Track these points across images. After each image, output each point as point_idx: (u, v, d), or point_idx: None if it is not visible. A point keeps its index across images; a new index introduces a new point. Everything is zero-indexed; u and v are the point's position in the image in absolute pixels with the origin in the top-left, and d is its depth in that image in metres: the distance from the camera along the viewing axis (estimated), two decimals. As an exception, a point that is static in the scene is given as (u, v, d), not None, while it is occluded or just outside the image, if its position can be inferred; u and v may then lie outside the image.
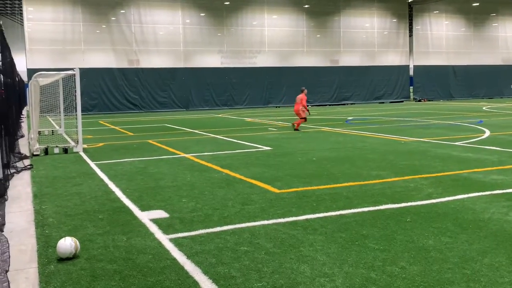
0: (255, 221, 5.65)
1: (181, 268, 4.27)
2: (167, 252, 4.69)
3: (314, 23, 38.07)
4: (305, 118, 17.10)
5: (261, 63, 36.40)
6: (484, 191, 6.86)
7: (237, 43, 35.88)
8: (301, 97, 17.07)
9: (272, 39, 36.82)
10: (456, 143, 12.24)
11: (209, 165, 9.72)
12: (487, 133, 14.64)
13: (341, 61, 39.12)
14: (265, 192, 7.14)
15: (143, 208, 6.35)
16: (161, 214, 6.05)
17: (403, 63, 41.19)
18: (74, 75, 12.25)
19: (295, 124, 16.84)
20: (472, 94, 43.09)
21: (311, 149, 11.92)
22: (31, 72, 23.40)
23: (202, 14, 34.79)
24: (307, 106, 17.75)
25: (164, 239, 5.07)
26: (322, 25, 38.42)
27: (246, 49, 36.15)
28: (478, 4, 43.13)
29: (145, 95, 33.08)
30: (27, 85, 20.69)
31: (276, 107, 36.26)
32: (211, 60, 35.20)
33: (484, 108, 28.66)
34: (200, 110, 33.83)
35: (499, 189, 6.96)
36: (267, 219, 5.70)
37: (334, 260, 4.36)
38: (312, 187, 7.41)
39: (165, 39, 33.83)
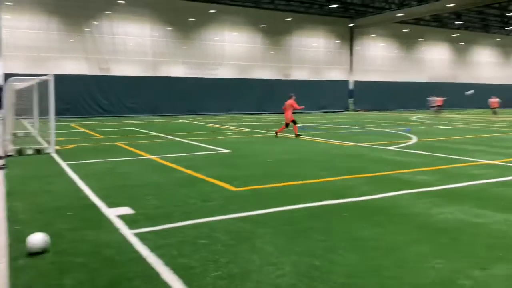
0: (213, 216, 5.58)
1: (144, 260, 4.16)
2: (131, 246, 4.55)
3: (269, 41, 38.39)
4: (287, 125, 16.17)
5: (222, 75, 36.33)
6: (412, 189, 7.07)
7: (200, 56, 35.65)
8: (291, 102, 16.12)
9: (231, 54, 36.82)
10: (388, 148, 12.59)
11: (173, 166, 9.56)
12: (414, 139, 15.15)
13: (292, 75, 39.60)
14: (223, 190, 7.09)
15: (110, 205, 6.15)
16: (127, 210, 5.88)
17: (344, 78, 42.13)
18: (48, 80, 11.75)
19: (294, 130, 15.85)
20: (402, 106, 44.56)
21: (267, 152, 11.95)
22: (6, 77, 22.30)
23: (168, 28, 34.32)
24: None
25: (129, 234, 4.93)
26: (276, 43, 38.80)
27: (209, 61, 35.98)
28: (409, 30, 44.74)
29: (115, 101, 32.23)
30: (2, 89, 19.72)
31: (236, 114, 36.25)
32: (177, 70, 34.78)
33: (412, 118, 29.70)
34: (166, 115, 33.29)
35: (424, 188, 7.20)
36: (225, 215, 5.64)
37: (282, 250, 4.37)
38: (266, 186, 7.42)
39: (134, 50, 33.12)
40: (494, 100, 27.13)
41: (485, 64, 51.02)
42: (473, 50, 50.17)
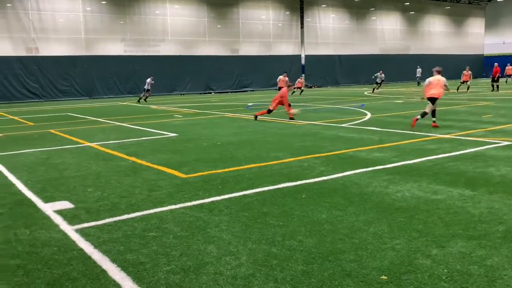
0: (162, 206, 5.50)
1: (89, 258, 4.03)
2: (73, 243, 4.40)
3: (214, 14, 37.78)
4: (289, 104, 14.66)
5: (164, 52, 35.45)
6: (367, 167, 7.29)
7: (140, 32, 34.54)
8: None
9: (174, 28, 35.96)
10: (343, 125, 12.89)
11: (115, 153, 9.29)
12: (369, 115, 15.60)
13: (241, 50, 39.35)
14: (172, 178, 6.98)
15: (46, 200, 5.90)
16: (65, 205, 5.66)
17: (295, 52, 42.45)
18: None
19: (289, 114, 14.59)
20: (355, 81, 45.68)
21: (215, 134, 11.88)
22: None
23: (103, 2, 32.91)
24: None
25: (69, 230, 4.75)
26: (222, 16, 38.26)
27: (149, 37, 34.94)
28: (360, -1, 45.63)
29: (46, 83, 30.77)
30: None
31: (181, 94, 35.66)
32: (114, 48, 33.55)
33: (365, 93, 30.52)
34: (104, 98, 32.22)
35: (380, 165, 7.44)
36: (175, 204, 5.57)
37: (239, 239, 4.38)
38: (217, 171, 7.38)
39: (65, 27, 31.53)
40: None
41: (436, 34, 53.07)
42: (424, 19, 51.97)
